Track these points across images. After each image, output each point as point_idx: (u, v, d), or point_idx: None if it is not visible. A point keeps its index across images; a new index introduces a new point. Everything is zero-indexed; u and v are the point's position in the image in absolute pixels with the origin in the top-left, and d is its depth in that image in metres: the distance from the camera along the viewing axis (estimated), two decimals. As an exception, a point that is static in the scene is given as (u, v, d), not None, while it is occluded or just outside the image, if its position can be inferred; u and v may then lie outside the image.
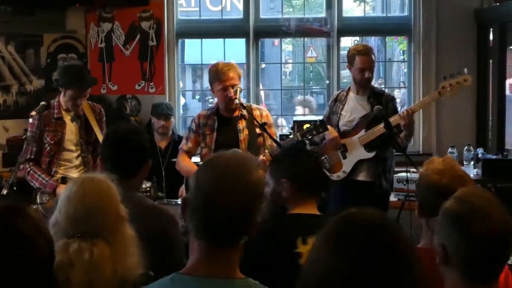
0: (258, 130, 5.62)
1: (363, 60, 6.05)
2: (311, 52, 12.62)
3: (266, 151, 5.46)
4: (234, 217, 2.22)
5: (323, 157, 6.16)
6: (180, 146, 5.91)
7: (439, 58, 7.67)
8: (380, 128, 5.89)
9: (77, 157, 5.60)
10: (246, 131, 5.65)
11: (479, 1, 7.68)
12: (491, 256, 2.44)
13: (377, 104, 5.92)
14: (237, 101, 5.61)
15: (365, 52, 6.10)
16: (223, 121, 5.70)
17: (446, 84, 5.80)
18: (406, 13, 8.10)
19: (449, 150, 7.06)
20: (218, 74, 5.57)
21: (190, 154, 5.85)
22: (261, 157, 5.39)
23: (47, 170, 5.49)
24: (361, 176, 6.11)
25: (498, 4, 7.50)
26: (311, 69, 12.88)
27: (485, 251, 2.41)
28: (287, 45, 14.39)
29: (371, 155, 6.02)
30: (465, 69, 5.83)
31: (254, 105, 5.94)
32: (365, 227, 1.68)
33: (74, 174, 5.51)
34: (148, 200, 3.78)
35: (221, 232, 2.23)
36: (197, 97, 16.70)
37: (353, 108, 6.18)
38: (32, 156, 5.46)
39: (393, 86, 13.42)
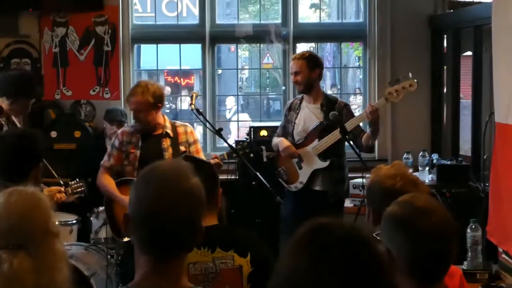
0: (182, 148, 5.67)
1: (291, 65, 6.20)
2: (268, 58, 12.62)
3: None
4: (178, 226, 2.18)
5: (279, 169, 6.18)
6: (101, 163, 5.79)
7: (394, 64, 7.72)
8: (332, 136, 5.91)
9: None
10: (170, 150, 5.64)
11: (433, 7, 7.75)
12: (436, 253, 2.50)
13: (330, 111, 5.96)
14: (192, 106, 5.63)
15: (293, 57, 6.31)
16: (147, 139, 5.66)
17: (392, 90, 5.82)
18: (361, 20, 8.14)
19: (404, 155, 7.10)
20: (128, 94, 5.76)
21: (111, 171, 5.76)
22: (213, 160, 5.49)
23: None
24: (317, 186, 6.09)
25: (451, 10, 7.57)
26: (267, 75, 12.87)
27: (429, 249, 2.47)
28: (244, 51, 14.38)
29: (325, 164, 6.01)
30: (410, 74, 5.86)
31: (178, 122, 5.90)
32: (342, 238, 1.66)
33: None
34: None
35: (167, 244, 2.19)
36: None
37: (307, 117, 6.17)
38: None
39: (349, 92, 13.48)
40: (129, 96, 5.68)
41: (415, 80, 5.82)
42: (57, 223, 2.77)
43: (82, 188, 5.56)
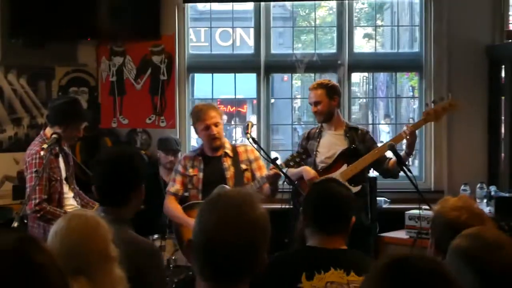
0: (243, 166, 5.75)
1: (310, 95, 6.19)
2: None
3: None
4: (238, 256, 2.17)
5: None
6: (167, 189, 5.91)
7: (451, 94, 7.63)
8: (363, 161, 5.89)
9: (70, 190, 5.60)
10: (232, 169, 5.72)
11: (490, 37, 7.66)
12: None
13: (353, 139, 6.02)
14: (248, 135, 5.64)
15: (310, 87, 6.27)
16: (208, 161, 5.76)
17: (431, 111, 5.83)
18: (417, 49, 8.09)
19: (462, 187, 7.01)
20: (199, 114, 5.71)
21: (177, 196, 5.86)
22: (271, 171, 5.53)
23: (58, 207, 5.44)
24: None
25: (510, 41, 7.48)
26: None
27: (501, 286, 2.38)
28: (296, 80, 14.41)
29: (357, 189, 5.87)
30: (449, 94, 5.84)
31: (237, 143, 5.96)
32: (423, 271, 1.63)
33: (74, 208, 5.51)
34: (138, 236, 3.60)
35: (226, 272, 2.18)
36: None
37: (331, 144, 6.14)
38: (46, 196, 5.35)
39: (402, 122, 13.36)
40: (203, 114, 5.70)
41: (455, 100, 5.84)
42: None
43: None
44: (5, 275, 1.61)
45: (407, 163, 6.11)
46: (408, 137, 5.74)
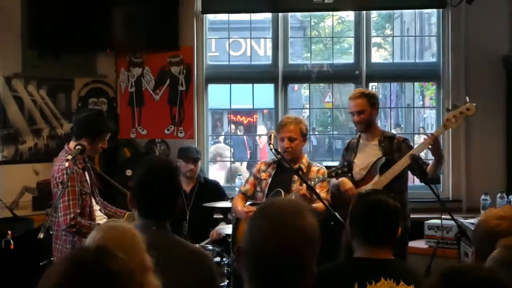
0: (312, 183, 5.78)
1: (350, 105, 6.21)
2: (329, 97, 12.65)
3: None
4: (287, 264, 2.18)
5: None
6: (240, 187, 6.30)
7: (468, 98, 7.64)
8: (392, 171, 5.88)
9: (96, 202, 5.61)
10: (299, 183, 5.73)
11: (508, 47, 7.67)
12: None
13: (389, 148, 5.99)
14: (271, 146, 5.68)
15: (351, 96, 6.27)
16: (281, 170, 5.94)
17: (450, 116, 5.80)
18: (434, 59, 8.12)
19: (482, 197, 7.00)
20: (279, 125, 6.07)
21: (246, 195, 6.13)
22: (315, 204, 5.51)
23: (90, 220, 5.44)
24: None
25: (527, 50, 7.50)
26: (328, 114, 12.89)
27: None
28: (304, 90, 14.42)
29: None
30: (467, 97, 5.87)
31: (316, 163, 6.14)
32: (479, 282, 1.64)
33: (103, 220, 5.51)
34: (189, 243, 3.65)
35: (275, 281, 2.19)
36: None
37: (367, 155, 6.15)
38: (79, 211, 5.29)
39: (413, 132, 13.35)
40: (281, 126, 6.03)
41: (474, 104, 5.82)
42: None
43: None
44: (85, 282, 1.67)
45: (441, 170, 6.12)
46: (430, 145, 5.74)
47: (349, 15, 9.68)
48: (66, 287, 1.71)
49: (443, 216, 5.82)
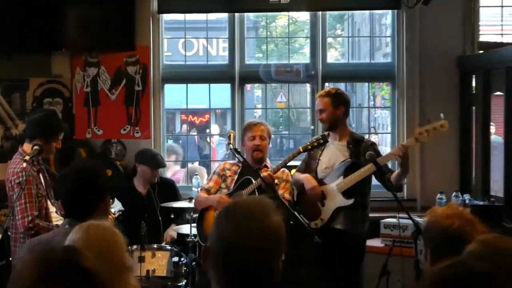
0: (276, 181, 5.90)
1: (316, 103, 6.33)
2: (281, 97, 12.70)
3: None
4: (256, 264, 2.19)
5: (299, 206, 6.19)
6: (201, 185, 6.40)
7: (423, 104, 7.75)
8: (358, 174, 5.91)
9: (52, 204, 5.55)
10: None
11: (461, 48, 7.79)
12: None
13: (356, 150, 5.99)
14: (230, 146, 5.72)
15: (317, 95, 6.39)
16: (246, 169, 5.96)
17: (423, 130, 5.80)
18: (388, 60, 8.21)
19: (438, 196, 7.09)
20: (250, 125, 6.18)
21: (209, 192, 6.15)
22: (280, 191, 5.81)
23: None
24: (338, 224, 6.03)
25: (481, 52, 7.61)
26: (280, 114, 12.94)
27: None
28: (257, 89, 14.46)
29: (349, 202, 5.95)
30: (441, 114, 5.86)
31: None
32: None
33: (59, 221, 5.46)
34: None
35: (243, 280, 2.20)
36: (170, 141, 16.72)
37: (332, 154, 6.16)
38: (37, 213, 5.24)
39: (363, 132, 13.48)
40: (253, 125, 6.18)
41: (447, 121, 5.81)
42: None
43: (122, 208, 5.70)
44: (62, 281, 1.66)
45: (404, 180, 6.17)
46: (399, 157, 5.77)
47: (300, 16, 9.75)
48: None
49: (399, 215, 5.86)
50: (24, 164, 5.13)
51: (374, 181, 6.16)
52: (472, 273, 1.69)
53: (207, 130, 15.86)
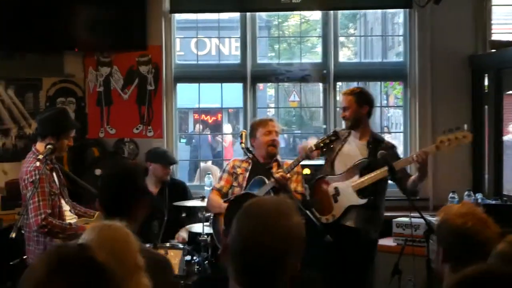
0: (288, 175, 5.90)
1: (341, 100, 6.36)
2: (294, 96, 12.70)
3: None
4: (273, 262, 2.22)
5: (314, 198, 6.19)
6: (213, 185, 6.37)
7: (435, 103, 7.75)
8: (375, 174, 5.90)
9: (66, 203, 5.57)
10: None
11: (473, 47, 7.78)
12: None
13: (375, 150, 5.96)
14: (242, 145, 5.74)
15: (343, 92, 6.41)
16: (256, 165, 5.96)
17: (445, 139, 5.75)
18: (401, 59, 8.21)
19: (450, 195, 7.08)
20: (262, 121, 6.23)
21: (221, 192, 6.18)
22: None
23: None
24: (350, 222, 6.04)
25: (493, 50, 7.59)
26: (293, 113, 12.93)
27: None
28: (269, 89, 14.45)
29: (363, 201, 5.95)
30: (465, 125, 5.82)
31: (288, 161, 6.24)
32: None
33: (73, 220, 5.49)
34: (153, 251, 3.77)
35: (261, 278, 2.24)
36: (183, 140, 16.75)
37: (351, 151, 6.16)
38: (50, 211, 5.26)
39: (376, 131, 13.42)
40: (267, 122, 6.25)
41: (470, 133, 5.78)
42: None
43: None
44: (76, 275, 1.68)
45: (419, 185, 6.14)
46: (418, 162, 5.76)
47: (312, 14, 9.75)
48: (54, 281, 1.72)
49: (411, 214, 5.85)
50: (38, 163, 5.18)
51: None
52: (500, 274, 1.68)
53: (220, 129, 15.90)
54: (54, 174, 5.49)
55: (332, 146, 6.01)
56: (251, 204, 2.35)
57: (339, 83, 8.19)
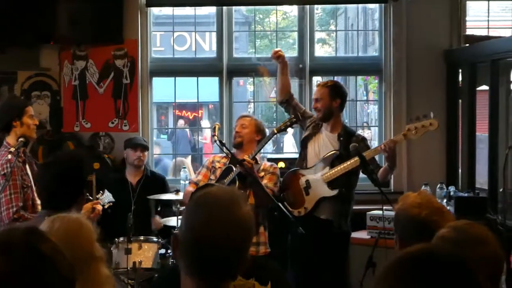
0: (260, 174, 5.91)
1: (314, 91, 6.40)
2: (274, 92, 12.71)
3: None
4: (224, 254, 2.20)
5: (285, 192, 6.20)
6: (190, 179, 6.37)
7: (410, 97, 7.79)
8: (344, 166, 5.93)
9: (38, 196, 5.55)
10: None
11: (448, 42, 7.83)
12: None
13: (346, 143, 5.99)
14: (215, 137, 5.75)
15: (318, 84, 6.48)
16: (235, 161, 5.86)
17: (412, 127, 5.80)
18: (377, 53, 8.24)
19: (423, 187, 7.10)
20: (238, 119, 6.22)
21: (198, 186, 6.05)
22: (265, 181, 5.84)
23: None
24: (322, 214, 6.07)
25: (467, 45, 7.64)
26: (274, 109, 12.95)
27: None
28: (250, 85, 14.48)
29: (333, 193, 5.98)
30: (431, 113, 5.86)
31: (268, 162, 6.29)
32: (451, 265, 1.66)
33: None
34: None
35: (213, 269, 2.21)
36: (163, 136, 16.71)
37: (322, 143, 6.19)
38: (21, 204, 5.25)
39: (357, 126, 13.47)
40: (239, 118, 6.29)
41: (436, 120, 5.83)
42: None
43: (112, 200, 5.69)
44: (17, 267, 1.65)
45: (389, 176, 6.17)
46: (386, 151, 5.79)
47: (293, 10, 9.76)
48: None
49: (384, 208, 5.87)
50: (9, 156, 5.15)
51: (363, 174, 6.18)
52: (441, 254, 1.68)
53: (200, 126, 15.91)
54: (27, 167, 5.47)
55: (293, 128, 6.19)
56: (199, 196, 2.31)
57: (315, 78, 8.21)
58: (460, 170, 7.68)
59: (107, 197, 5.67)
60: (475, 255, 2.42)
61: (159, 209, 6.98)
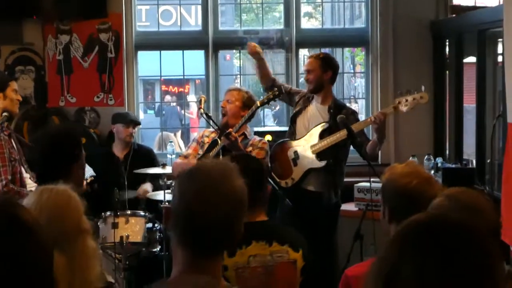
0: (248, 149, 5.89)
1: (306, 63, 6.38)
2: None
3: None
4: (217, 226, 2.21)
5: (274, 163, 6.19)
6: (177, 152, 6.43)
7: (397, 69, 7.76)
8: (333, 137, 5.93)
9: (25, 171, 5.50)
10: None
11: (434, 13, 7.79)
12: None
13: (336, 115, 5.95)
14: (202, 110, 5.72)
15: (309, 56, 6.46)
16: (221, 133, 5.87)
17: (402, 100, 5.82)
18: (363, 25, 8.20)
19: (410, 159, 7.11)
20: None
21: (187, 159, 6.09)
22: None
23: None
24: (310, 185, 6.10)
25: (453, 15, 7.61)
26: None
27: None
28: (236, 59, 14.44)
29: (321, 164, 6.00)
30: (423, 86, 5.87)
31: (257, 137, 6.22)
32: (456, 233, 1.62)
33: (33, 188, 5.43)
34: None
35: (204, 242, 2.22)
36: (150, 111, 16.65)
37: (312, 115, 6.20)
38: (10, 177, 5.17)
39: (344, 98, 13.45)
40: (226, 91, 6.25)
41: (427, 94, 5.85)
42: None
43: (93, 174, 5.66)
44: None
45: (378, 149, 6.16)
46: (376, 123, 5.78)
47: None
48: None
49: (372, 179, 5.87)
50: None
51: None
52: (454, 221, 1.65)
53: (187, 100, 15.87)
54: (13, 141, 5.43)
55: (275, 101, 6.16)
56: (192, 169, 2.33)
57: (302, 51, 8.16)
58: (447, 142, 7.67)
59: (88, 171, 5.63)
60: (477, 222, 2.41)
61: (147, 182, 6.95)
